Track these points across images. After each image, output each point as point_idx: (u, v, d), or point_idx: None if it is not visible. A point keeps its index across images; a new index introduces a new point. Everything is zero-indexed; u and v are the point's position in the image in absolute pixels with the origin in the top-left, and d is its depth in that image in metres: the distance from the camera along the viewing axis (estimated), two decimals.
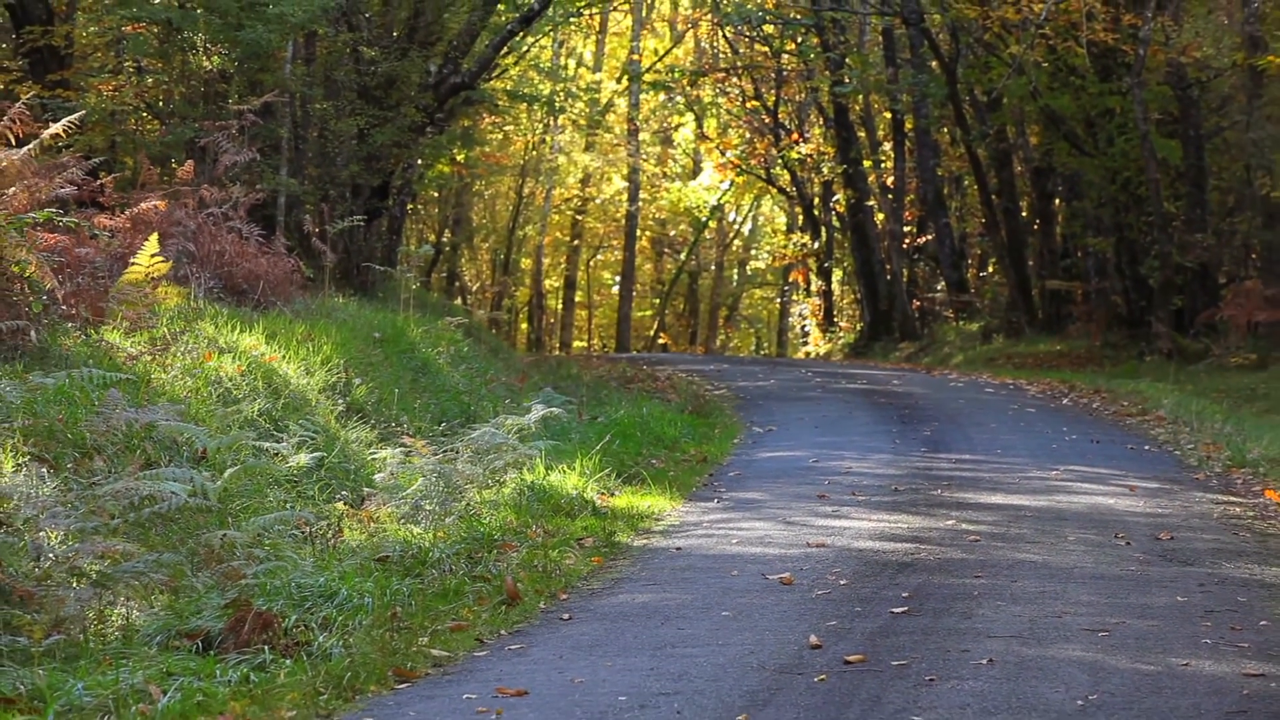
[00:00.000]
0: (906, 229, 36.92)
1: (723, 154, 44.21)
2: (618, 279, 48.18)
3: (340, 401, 13.26)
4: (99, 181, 15.13)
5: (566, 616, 8.51)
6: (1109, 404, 19.93)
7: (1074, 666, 7.31)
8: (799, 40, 38.47)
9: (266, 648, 7.24)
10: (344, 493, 11.10)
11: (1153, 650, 7.63)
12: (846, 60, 36.12)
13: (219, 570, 8.35)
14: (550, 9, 26.78)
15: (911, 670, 7.21)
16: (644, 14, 44.65)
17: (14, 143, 12.51)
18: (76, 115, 13.58)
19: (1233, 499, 12.61)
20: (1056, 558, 9.98)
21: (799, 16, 36.60)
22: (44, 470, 8.79)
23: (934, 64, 31.91)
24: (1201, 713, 6.62)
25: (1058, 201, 32.09)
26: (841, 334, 39.84)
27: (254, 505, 9.77)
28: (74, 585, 7.68)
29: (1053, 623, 8.17)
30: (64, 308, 11.54)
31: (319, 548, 9.50)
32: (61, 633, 7.21)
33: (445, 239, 39.87)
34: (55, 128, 12.67)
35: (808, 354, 41.78)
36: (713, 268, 51.33)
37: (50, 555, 7.86)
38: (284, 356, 13.13)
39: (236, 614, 7.45)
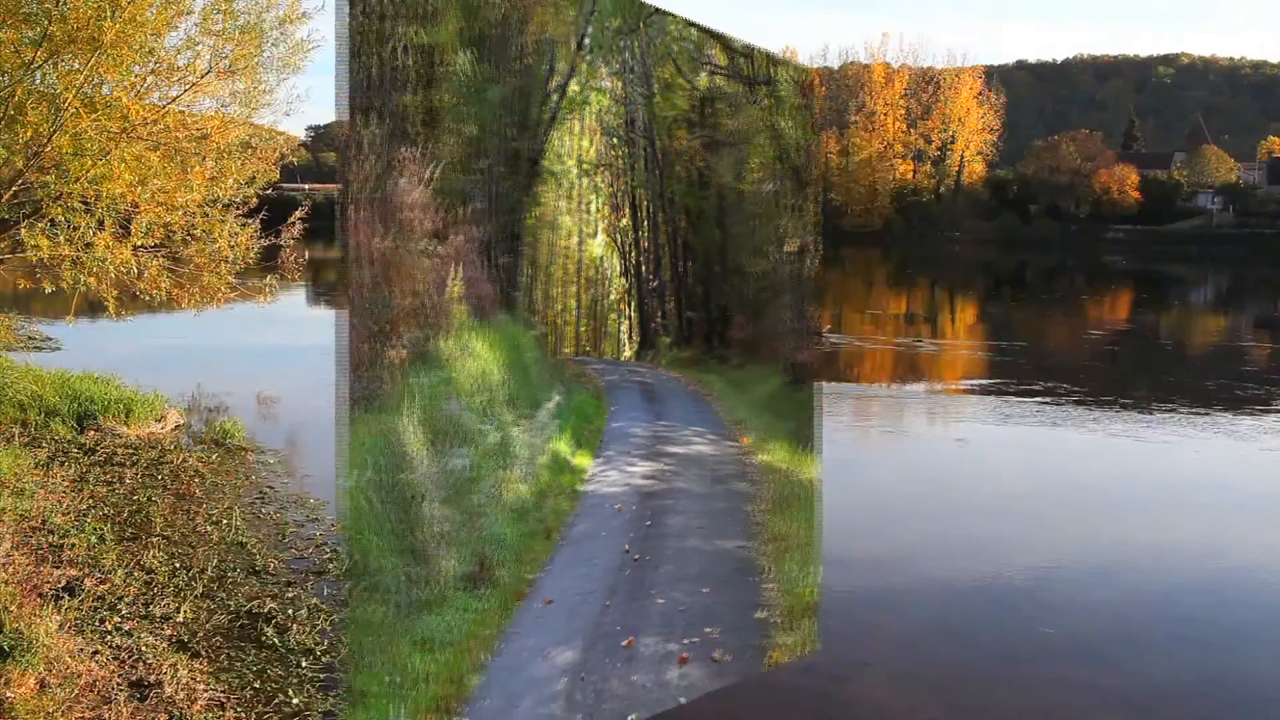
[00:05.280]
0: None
1: None
2: None
3: None
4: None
5: None
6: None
7: (696, 550, 7.93)
8: None
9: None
10: None
11: (713, 536, 8.15)
12: None
13: None
14: None
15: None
16: None
17: None
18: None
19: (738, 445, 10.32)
20: (692, 486, 9.33)
21: None
22: None
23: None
24: (735, 560, 7.67)
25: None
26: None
27: None
28: None
29: (694, 526, 8.38)
30: None
31: None
32: None
33: None
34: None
35: None
36: None
37: None
38: None
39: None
